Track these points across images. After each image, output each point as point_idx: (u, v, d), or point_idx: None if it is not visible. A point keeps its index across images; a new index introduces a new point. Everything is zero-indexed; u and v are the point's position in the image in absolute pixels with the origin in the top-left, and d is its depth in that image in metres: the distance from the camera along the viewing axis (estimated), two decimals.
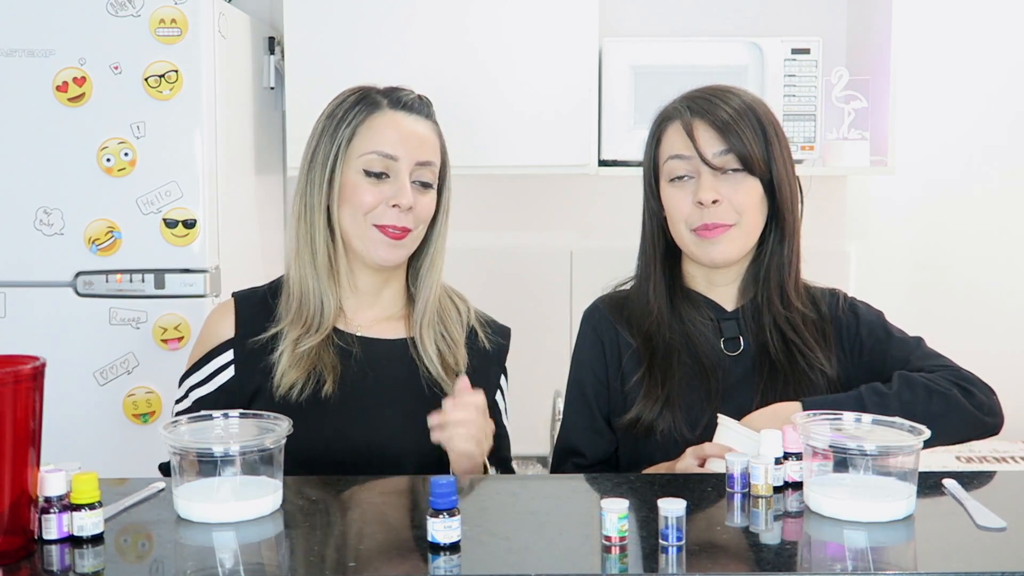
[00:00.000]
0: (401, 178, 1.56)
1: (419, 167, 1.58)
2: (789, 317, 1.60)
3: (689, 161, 1.56)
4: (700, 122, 1.55)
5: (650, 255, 1.64)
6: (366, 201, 1.56)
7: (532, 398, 1.82)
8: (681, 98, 1.61)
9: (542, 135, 2.72)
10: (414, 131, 1.59)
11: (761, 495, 1.29)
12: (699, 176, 1.55)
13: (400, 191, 1.55)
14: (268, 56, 2.84)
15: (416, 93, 1.64)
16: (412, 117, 1.60)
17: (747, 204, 1.55)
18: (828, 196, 3.03)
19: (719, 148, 1.54)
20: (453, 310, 1.67)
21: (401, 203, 1.55)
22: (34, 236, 2.41)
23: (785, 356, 1.58)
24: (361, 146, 1.57)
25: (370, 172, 1.57)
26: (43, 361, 1.14)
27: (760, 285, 1.62)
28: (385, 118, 1.59)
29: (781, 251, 1.60)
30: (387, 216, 1.56)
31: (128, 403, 2.43)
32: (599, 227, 3.08)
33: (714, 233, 1.55)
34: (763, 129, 1.56)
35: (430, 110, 1.64)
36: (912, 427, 1.27)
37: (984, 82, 3.02)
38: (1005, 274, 3.05)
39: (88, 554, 1.12)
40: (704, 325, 1.61)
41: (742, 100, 1.58)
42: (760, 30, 2.88)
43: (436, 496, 1.11)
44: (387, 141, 1.57)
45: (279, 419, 1.31)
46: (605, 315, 1.67)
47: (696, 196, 1.55)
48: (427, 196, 1.60)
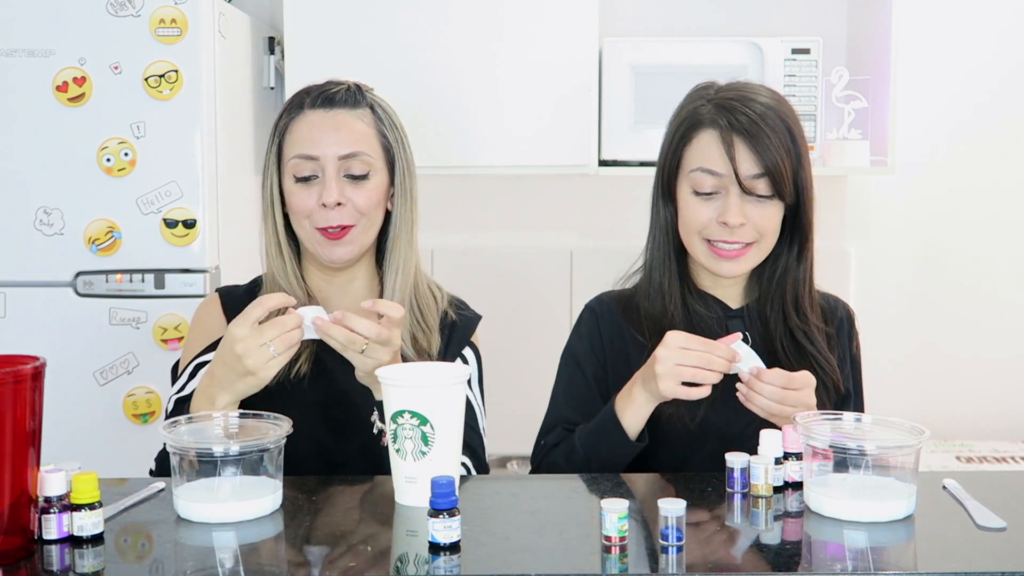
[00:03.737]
0: (326, 177, 1.56)
1: (345, 160, 1.57)
2: (806, 330, 1.59)
3: (720, 179, 1.52)
4: (739, 140, 1.51)
5: (664, 253, 1.62)
6: (300, 207, 1.57)
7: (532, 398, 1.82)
8: (714, 102, 1.55)
9: (542, 135, 2.72)
10: (333, 125, 1.58)
11: (761, 495, 1.29)
12: (727, 194, 1.52)
13: (325, 190, 1.56)
14: (268, 56, 2.85)
15: (347, 84, 1.63)
16: (333, 112, 1.59)
17: (769, 228, 1.54)
18: (828, 196, 3.01)
19: (755, 172, 1.51)
20: (430, 297, 1.68)
21: (327, 202, 1.55)
22: (34, 236, 2.41)
23: (798, 363, 1.56)
24: (287, 152, 1.59)
25: (299, 177, 1.58)
26: (43, 361, 1.14)
27: (771, 291, 1.61)
28: (304, 119, 1.59)
29: (799, 266, 1.59)
30: (322, 217, 1.56)
31: (128, 403, 2.43)
32: (599, 227, 3.08)
33: (731, 255, 1.54)
34: (796, 150, 1.53)
35: (358, 98, 1.61)
36: (912, 427, 1.27)
37: (984, 82, 3.02)
38: (1005, 274, 3.05)
39: (88, 554, 1.12)
40: (711, 321, 1.60)
41: (778, 114, 1.53)
42: (760, 30, 2.88)
43: (436, 496, 1.11)
44: (305, 142, 1.57)
45: (279, 419, 1.31)
46: (612, 309, 1.65)
47: (722, 216, 1.52)
48: (362, 188, 1.58)
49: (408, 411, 1.27)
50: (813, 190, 1.58)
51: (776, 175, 1.50)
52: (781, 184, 1.51)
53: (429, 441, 1.27)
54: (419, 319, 1.64)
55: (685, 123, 1.57)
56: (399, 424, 1.28)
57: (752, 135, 1.50)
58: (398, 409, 1.28)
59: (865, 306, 2.99)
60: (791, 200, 1.54)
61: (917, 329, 3.07)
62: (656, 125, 1.72)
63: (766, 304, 1.61)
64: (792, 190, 1.53)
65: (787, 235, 1.58)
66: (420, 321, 1.64)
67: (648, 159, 2.66)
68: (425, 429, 1.27)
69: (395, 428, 1.29)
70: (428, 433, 1.27)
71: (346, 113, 1.59)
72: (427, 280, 1.70)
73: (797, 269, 1.60)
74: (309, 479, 1.38)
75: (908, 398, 3.00)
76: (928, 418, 1.96)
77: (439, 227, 3.01)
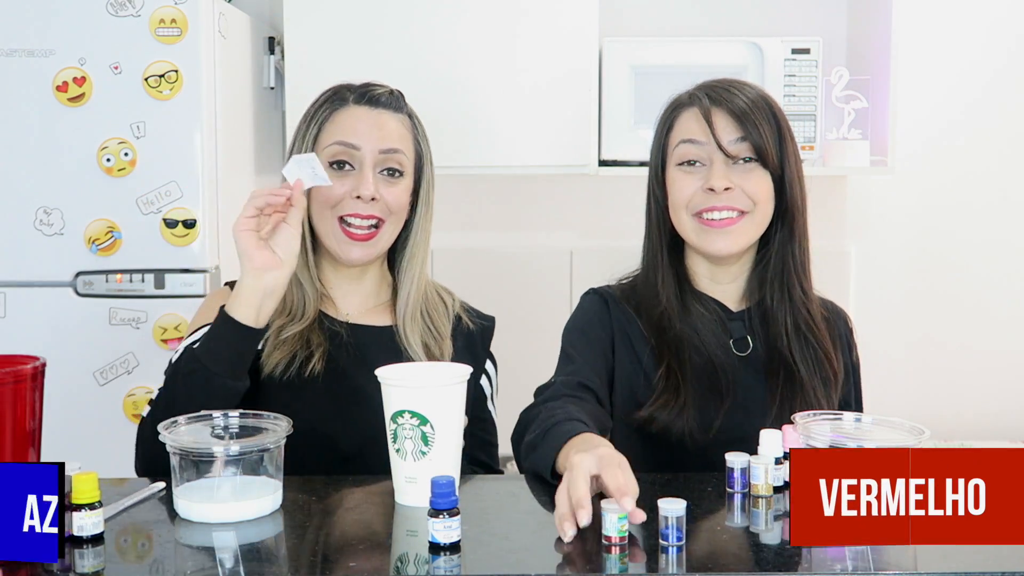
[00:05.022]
0: (364, 169, 1.57)
1: (384, 155, 1.59)
2: (808, 320, 1.58)
3: (703, 147, 1.54)
4: (718, 109, 1.54)
5: (656, 245, 1.62)
6: (329, 194, 1.57)
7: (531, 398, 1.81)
8: (696, 87, 1.60)
9: (542, 135, 2.72)
10: (377, 122, 1.60)
11: (761, 495, 1.29)
12: (711, 164, 1.54)
13: (363, 182, 1.56)
14: (268, 56, 2.85)
15: (389, 88, 1.65)
16: (377, 111, 1.61)
17: (760, 194, 1.54)
18: (828, 196, 3.03)
19: (735, 136, 1.53)
20: (440, 304, 1.68)
21: (363, 194, 1.56)
22: (34, 236, 2.41)
23: (801, 359, 1.56)
24: (325, 139, 1.60)
25: (333, 162, 1.58)
26: (43, 361, 1.14)
27: (770, 287, 1.59)
28: (348, 111, 1.61)
29: (791, 251, 1.58)
30: (352, 206, 1.57)
31: (128, 403, 2.43)
32: (599, 227, 3.08)
33: (722, 224, 1.54)
34: (777, 124, 1.55)
35: (400, 103, 1.65)
36: (912, 427, 1.27)
37: (984, 82, 3.02)
38: (1005, 274, 3.05)
39: (88, 554, 1.12)
40: (712, 322, 1.59)
41: (757, 93, 1.57)
42: (760, 30, 2.88)
43: (436, 496, 1.11)
44: (348, 131, 1.59)
45: (279, 419, 1.31)
46: (616, 297, 1.63)
47: (707, 183, 1.53)
48: (396, 187, 1.60)
49: (408, 411, 1.27)
50: (801, 174, 1.58)
51: (757, 139, 1.52)
52: (763, 149, 1.52)
53: (429, 441, 1.27)
54: (430, 326, 1.64)
55: (668, 109, 1.62)
56: (399, 424, 1.28)
57: (732, 104, 1.54)
58: (398, 409, 1.28)
59: (865, 306, 3.00)
60: (776, 170, 1.54)
61: (917, 329, 3.07)
62: None
63: (768, 300, 1.59)
64: (777, 161, 1.54)
65: (777, 220, 1.58)
66: (431, 328, 1.64)
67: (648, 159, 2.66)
68: (425, 429, 1.27)
69: (395, 428, 1.29)
70: (428, 433, 1.27)
71: (389, 114, 1.62)
72: (435, 285, 1.71)
73: (792, 256, 1.58)
74: (309, 479, 1.38)
75: (908, 398, 3.00)
76: (928, 418, 1.96)
77: (439, 227, 2.95)
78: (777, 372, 1.56)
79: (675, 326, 1.57)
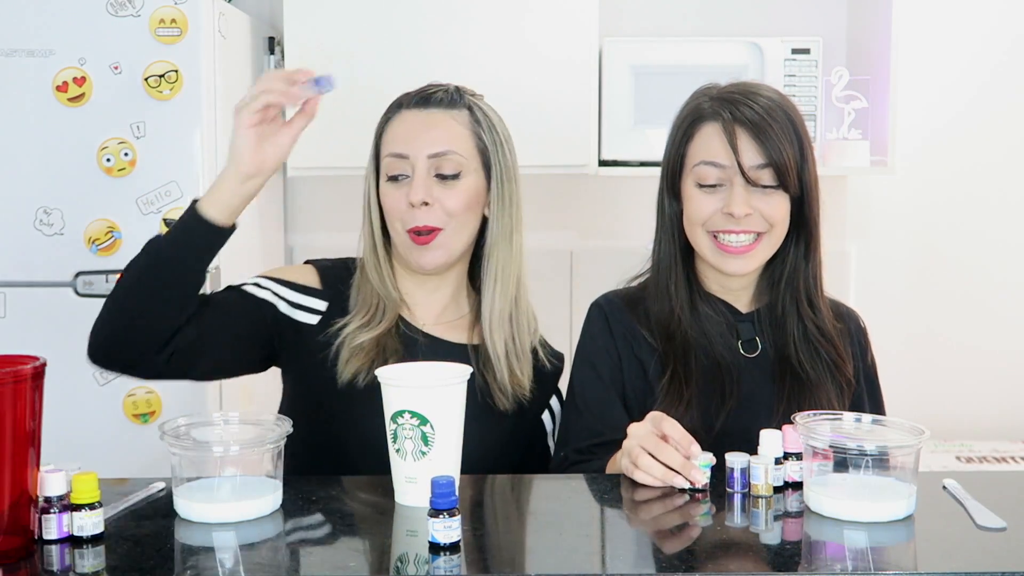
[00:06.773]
0: (415, 176, 1.55)
1: (434, 159, 1.56)
2: (818, 330, 1.58)
3: (724, 170, 1.51)
4: (742, 131, 1.50)
5: (669, 251, 1.60)
6: (392, 207, 1.57)
7: None
8: (717, 98, 1.55)
9: (542, 135, 2.72)
10: (426, 124, 1.57)
11: (761, 495, 1.29)
12: (731, 186, 1.51)
13: (412, 189, 1.55)
14: (268, 56, 2.84)
15: (448, 85, 1.62)
16: (428, 111, 1.58)
17: (778, 217, 1.52)
18: (828, 196, 2.97)
19: (759, 161, 1.50)
20: (531, 319, 1.66)
21: (413, 200, 1.54)
22: (34, 236, 2.41)
23: (811, 366, 1.56)
24: (383, 151, 1.59)
25: (390, 176, 1.57)
26: (43, 361, 1.14)
27: (781, 293, 1.59)
28: (400, 119, 1.59)
29: (807, 263, 1.58)
30: (410, 217, 1.55)
31: (128, 403, 2.43)
32: (599, 227, 3.08)
33: (739, 250, 1.52)
34: (800, 143, 1.52)
35: (455, 98, 1.60)
36: (912, 427, 1.27)
37: (984, 81, 3.02)
38: (1005, 273, 3.05)
39: (88, 554, 1.12)
40: (721, 324, 1.58)
41: (778, 104, 1.53)
42: (760, 30, 2.88)
43: (436, 496, 1.11)
44: (398, 141, 1.57)
45: (279, 419, 1.31)
46: (620, 307, 1.62)
47: (727, 207, 1.50)
48: (452, 188, 1.56)
49: (408, 411, 1.27)
50: (819, 187, 1.57)
51: (780, 165, 1.49)
52: (785, 174, 1.49)
53: (429, 441, 1.27)
54: (515, 337, 1.61)
55: (688, 119, 1.57)
56: (399, 424, 1.28)
57: (755, 125, 1.49)
58: (398, 409, 1.28)
59: (865, 306, 2.97)
60: (796, 192, 1.52)
61: (917, 329, 3.07)
62: (656, 125, 1.73)
63: (779, 306, 1.59)
64: (797, 182, 1.51)
65: (793, 232, 1.57)
66: (515, 340, 1.61)
67: (648, 159, 2.67)
68: (425, 429, 1.27)
69: (395, 428, 1.29)
70: (428, 433, 1.27)
71: (441, 113, 1.58)
72: (528, 303, 1.66)
73: (806, 267, 1.58)
74: (309, 479, 1.38)
75: (908, 397, 2.99)
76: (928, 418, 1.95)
77: None
78: (785, 374, 1.56)
79: (684, 330, 1.57)
